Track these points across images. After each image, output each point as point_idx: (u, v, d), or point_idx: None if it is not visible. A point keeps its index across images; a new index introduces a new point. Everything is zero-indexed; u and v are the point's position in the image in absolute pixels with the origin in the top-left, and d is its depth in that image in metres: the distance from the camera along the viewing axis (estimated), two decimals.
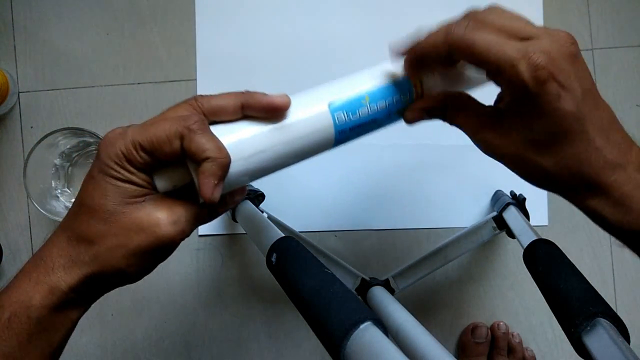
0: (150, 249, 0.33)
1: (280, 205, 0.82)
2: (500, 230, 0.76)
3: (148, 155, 0.32)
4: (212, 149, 0.32)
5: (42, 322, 0.33)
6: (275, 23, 0.83)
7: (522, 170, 0.35)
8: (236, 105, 0.34)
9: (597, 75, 0.85)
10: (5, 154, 0.81)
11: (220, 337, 0.83)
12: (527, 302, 0.84)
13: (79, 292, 0.34)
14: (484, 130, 0.36)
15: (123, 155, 0.32)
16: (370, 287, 0.69)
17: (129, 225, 0.33)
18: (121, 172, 0.32)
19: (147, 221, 0.33)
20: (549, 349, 0.85)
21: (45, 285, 0.33)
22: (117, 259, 0.33)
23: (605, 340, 0.44)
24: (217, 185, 0.32)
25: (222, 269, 0.83)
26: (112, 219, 0.33)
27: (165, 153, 0.32)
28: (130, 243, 0.33)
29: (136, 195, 0.33)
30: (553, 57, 0.30)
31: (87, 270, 0.33)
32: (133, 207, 0.33)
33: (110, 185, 0.32)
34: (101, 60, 0.83)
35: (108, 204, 0.33)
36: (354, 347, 0.37)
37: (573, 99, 0.31)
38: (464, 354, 0.83)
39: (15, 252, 0.81)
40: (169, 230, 0.33)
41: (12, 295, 0.33)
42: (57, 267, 0.33)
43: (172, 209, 0.34)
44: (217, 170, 0.32)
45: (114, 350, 0.82)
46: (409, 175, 0.84)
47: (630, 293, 0.84)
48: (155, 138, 0.32)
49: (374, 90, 0.37)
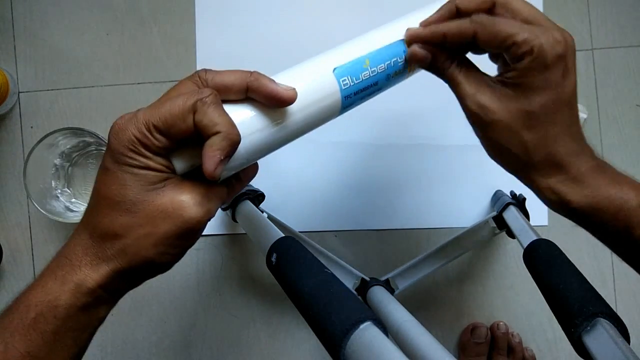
0: (179, 234, 0.32)
1: (280, 205, 0.82)
2: (500, 230, 0.76)
3: (164, 136, 0.31)
4: (223, 123, 0.31)
5: (68, 321, 0.32)
6: (275, 23, 0.83)
7: (502, 141, 0.38)
8: (242, 86, 0.33)
9: (597, 75, 0.85)
10: (5, 154, 0.81)
11: (221, 337, 0.83)
12: (526, 302, 0.84)
13: (107, 288, 0.33)
14: (484, 90, 0.38)
15: (137, 140, 0.31)
16: (370, 287, 0.69)
17: (154, 213, 0.32)
18: (137, 158, 0.31)
19: (172, 206, 0.32)
20: (549, 348, 0.85)
21: (72, 284, 0.32)
22: (146, 249, 0.32)
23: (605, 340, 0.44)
24: (222, 161, 0.31)
25: (222, 269, 0.83)
26: (135, 209, 0.31)
27: (181, 130, 0.31)
28: (158, 231, 0.32)
29: (156, 181, 0.32)
30: (568, 43, 0.36)
31: (114, 265, 0.32)
32: (154, 193, 0.32)
33: (128, 175, 0.31)
34: (101, 60, 0.83)
35: (129, 194, 0.31)
36: (354, 347, 0.37)
37: (572, 83, 0.36)
38: (463, 354, 0.83)
39: (15, 252, 0.81)
40: (195, 212, 0.32)
41: (37, 294, 0.32)
42: (84, 265, 0.32)
43: (194, 191, 0.33)
44: (226, 145, 0.31)
45: (114, 350, 0.82)
46: (409, 175, 0.84)
47: (630, 293, 0.84)
48: (170, 115, 0.31)
49: (373, 52, 0.39)
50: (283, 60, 0.82)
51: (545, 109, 0.36)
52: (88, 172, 0.80)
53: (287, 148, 0.39)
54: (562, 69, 0.35)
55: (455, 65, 0.39)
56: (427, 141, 0.84)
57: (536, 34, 0.35)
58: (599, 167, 0.37)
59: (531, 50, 0.35)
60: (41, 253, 0.81)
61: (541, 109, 0.36)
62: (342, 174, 0.84)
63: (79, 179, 0.80)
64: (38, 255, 0.81)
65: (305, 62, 0.38)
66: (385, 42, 0.39)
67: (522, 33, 0.35)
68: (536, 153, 0.37)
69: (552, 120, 0.36)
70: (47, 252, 0.81)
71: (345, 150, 0.84)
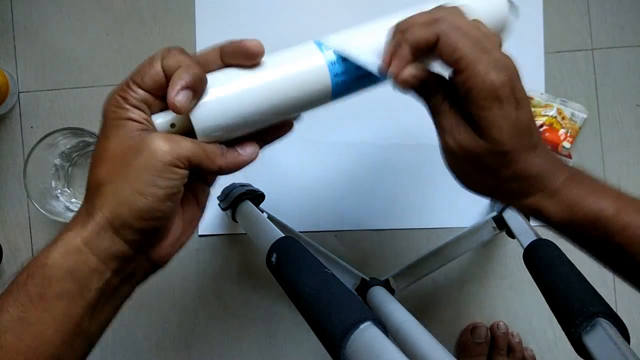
0: (150, 167, 0.32)
1: (280, 205, 0.82)
2: (500, 230, 0.76)
3: (141, 88, 0.33)
4: (186, 61, 0.33)
5: (56, 285, 0.31)
6: (275, 22, 0.83)
7: (476, 177, 0.39)
8: (216, 53, 0.36)
9: (597, 75, 0.85)
10: (5, 154, 0.81)
11: (221, 336, 0.83)
12: (526, 302, 0.85)
13: (94, 246, 0.32)
14: (462, 126, 0.37)
15: (119, 96, 0.33)
16: (370, 287, 0.69)
17: (127, 152, 0.32)
18: (119, 112, 0.33)
19: (142, 142, 0.32)
20: (549, 348, 0.85)
21: (60, 242, 0.32)
22: (122, 190, 0.32)
23: (605, 340, 0.44)
24: (185, 91, 0.32)
25: (222, 269, 0.83)
26: (114, 156, 0.32)
27: (152, 77, 0.33)
28: (130, 168, 0.32)
29: (135, 130, 0.33)
30: (513, 75, 0.35)
31: (100, 218, 0.32)
32: (131, 139, 0.33)
33: (113, 128, 0.33)
34: (101, 60, 0.83)
35: (111, 146, 0.33)
36: (354, 347, 0.37)
37: (527, 112, 0.36)
38: (463, 354, 0.83)
39: (15, 252, 0.81)
40: (163, 144, 0.32)
41: (35, 258, 0.32)
42: (74, 224, 0.32)
43: (172, 138, 0.33)
44: (187, 76, 0.32)
45: (114, 350, 0.82)
46: (409, 175, 0.84)
47: (630, 292, 0.84)
48: (142, 66, 0.34)
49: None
50: None
51: (513, 144, 0.36)
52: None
53: (288, 147, 0.39)
54: (513, 98, 0.35)
55: (441, 94, 0.38)
56: (427, 141, 0.84)
57: (486, 67, 0.34)
58: (573, 179, 0.38)
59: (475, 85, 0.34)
60: None
61: (509, 143, 0.36)
62: (342, 174, 0.84)
63: (79, 179, 0.80)
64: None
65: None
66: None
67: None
68: (512, 181, 0.37)
69: (519, 148, 0.36)
70: None
71: (345, 150, 0.84)
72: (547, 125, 0.82)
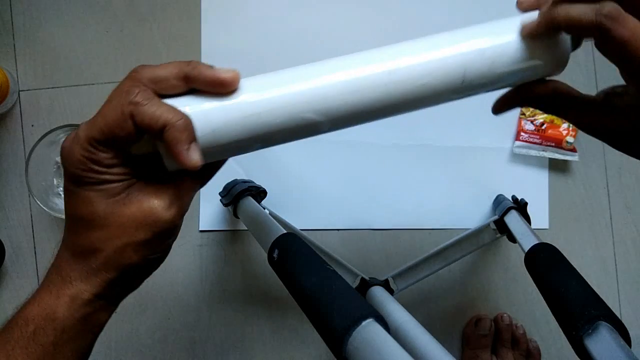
0: (157, 237, 0.33)
1: (282, 203, 0.82)
2: (501, 234, 0.76)
3: (108, 147, 0.31)
4: (163, 113, 0.30)
5: (68, 332, 0.32)
6: (282, 19, 0.83)
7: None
8: (178, 75, 0.32)
9: (597, 75, 0.84)
10: (6, 153, 0.81)
11: (224, 333, 0.83)
12: (530, 294, 0.84)
13: (104, 296, 0.34)
14: (599, 119, 0.36)
15: (86, 158, 0.31)
16: (370, 287, 0.69)
17: (127, 223, 0.32)
18: (93, 176, 0.31)
19: (143, 214, 0.32)
20: (553, 339, 0.85)
21: (67, 298, 0.32)
22: (129, 257, 0.33)
23: (607, 343, 0.44)
24: (190, 149, 0.30)
25: (225, 265, 0.83)
26: (107, 223, 0.32)
27: (124, 138, 0.31)
28: (135, 239, 0.32)
29: (119, 191, 0.32)
30: None
31: (104, 276, 0.33)
32: (121, 204, 0.32)
33: (91, 192, 0.32)
34: (101, 57, 0.82)
35: (97, 211, 0.32)
36: (356, 344, 0.37)
37: None
38: (467, 346, 0.83)
39: (17, 250, 0.81)
40: (167, 215, 0.33)
41: (34, 309, 0.32)
42: (74, 280, 0.33)
43: (161, 193, 0.33)
44: (181, 134, 0.30)
45: (118, 347, 0.82)
46: (410, 175, 0.84)
47: (633, 286, 0.84)
48: (107, 128, 0.30)
49: None
50: (289, 57, 0.82)
51: None
52: None
53: (290, 145, 0.38)
54: None
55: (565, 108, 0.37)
56: (430, 142, 0.84)
57: None
58: None
59: None
60: (44, 250, 0.81)
61: None
62: (344, 173, 0.84)
63: None
64: (41, 252, 0.81)
65: None
66: None
67: None
68: None
69: None
70: (49, 250, 0.82)
71: (348, 149, 0.83)
72: (547, 122, 0.81)
